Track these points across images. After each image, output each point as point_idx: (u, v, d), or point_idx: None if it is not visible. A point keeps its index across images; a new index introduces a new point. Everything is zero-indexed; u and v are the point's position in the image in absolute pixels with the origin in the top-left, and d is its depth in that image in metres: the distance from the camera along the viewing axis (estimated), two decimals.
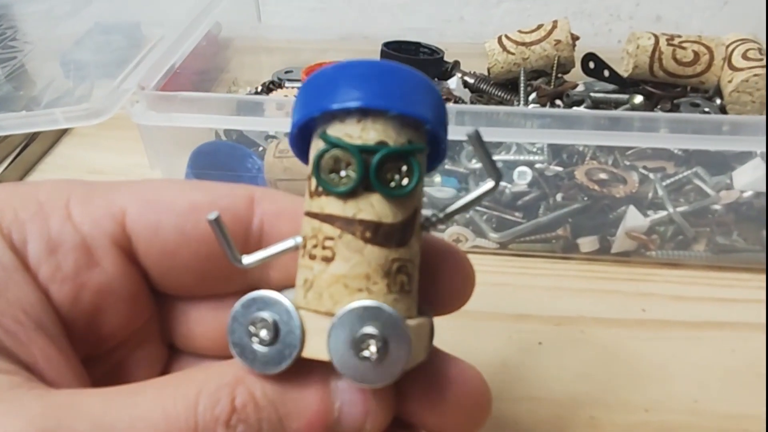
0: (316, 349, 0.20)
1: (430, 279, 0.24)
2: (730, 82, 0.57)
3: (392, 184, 0.20)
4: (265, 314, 0.20)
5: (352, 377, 0.20)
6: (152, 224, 0.25)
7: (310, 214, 0.21)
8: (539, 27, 0.63)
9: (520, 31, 0.63)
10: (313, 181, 0.21)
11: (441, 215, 0.23)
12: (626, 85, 0.62)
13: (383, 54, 0.63)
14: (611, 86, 0.62)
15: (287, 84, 0.64)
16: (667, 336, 0.43)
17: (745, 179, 0.50)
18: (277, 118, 0.49)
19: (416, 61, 0.63)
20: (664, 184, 0.50)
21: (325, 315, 0.20)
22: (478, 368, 0.24)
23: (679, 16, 0.73)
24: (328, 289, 0.20)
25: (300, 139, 0.22)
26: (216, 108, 0.46)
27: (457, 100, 0.60)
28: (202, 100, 0.46)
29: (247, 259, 0.23)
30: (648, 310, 0.44)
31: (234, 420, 0.20)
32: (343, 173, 0.20)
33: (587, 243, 0.48)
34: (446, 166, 0.52)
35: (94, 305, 0.24)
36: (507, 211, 0.50)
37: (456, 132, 0.36)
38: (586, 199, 0.49)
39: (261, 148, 0.56)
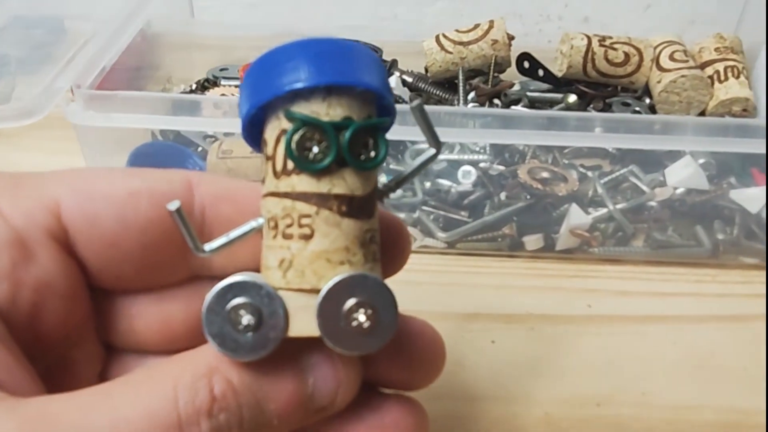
0: (302, 326, 0.21)
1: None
2: (659, 82, 0.60)
3: (362, 157, 0.21)
4: (244, 300, 0.20)
5: (344, 348, 0.21)
6: (90, 214, 0.24)
7: (278, 194, 0.21)
8: (476, 27, 0.63)
9: (457, 31, 0.64)
10: (280, 161, 0.21)
11: (392, 184, 0.24)
12: (560, 84, 0.63)
13: None
14: (545, 85, 0.64)
15: (223, 82, 0.63)
16: (613, 331, 0.44)
17: (677, 177, 0.52)
18: (218, 119, 0.47)
19: None
20: (602, 181, 0.52)
21: (310, 292, 0.21)
22: None
23: (605, 17, 0.75)
24: (311, 266, 0.21)
25: (251, 123, 0.22)
26: (156, 108, 0.44)
27: (398, 100, 0.60)
28: (144, 99, 0.44)
29: (209, 246, 0.22)
30: (593, 306, 0.46)
31: (216, 409, 0.20)
32: (315, 150, 0.20)
33: (532, 241, 0.49)
34: (390, 166, 0.52)
35: (33, 303, 0.23)
36: (453, 211, 0.50)
37: (399, 132, 0.36)
38: (529, 197, 0.50)
39: (200, 148, 0.54)
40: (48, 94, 0.44)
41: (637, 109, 0.61)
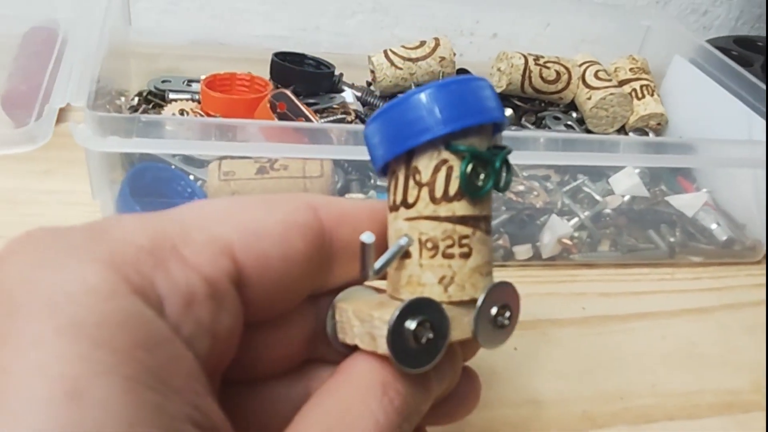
0: (459, 332, 0.23)
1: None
2: (589, 99, 0.66)
3: (501, 183, 0.24)
4: (424, 317, 0.22)
5: (490, 345, 0.24)
6: (261, 254, 0.23)
7: (438, 219, 0.23)
8: (422, 44, 0.66)
9: (404, 47, 0.65)
10: (440, 188, 0.23)
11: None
12: None
13: (275, 65, 0.61)
14: None
15: (171, 96, 0.59)
16: (609, 330, 0.49)
17: (623, 186, 0.58)
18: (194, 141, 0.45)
19: (311, 74, 0.62)
20: (563, 191, 0.57)
21: (468, 302, 0.23)
22: None
23: (511, 33, 0.81)
24: (470, 280, 0.23)
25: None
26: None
27: (359, 115, 0.61)
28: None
29: (376, 269, 0.24)
30: (587, 308, 0.50)
31: (399, 421, 0.22)
32: (481, 177, 0.23)
33: (523, 251, 0.52)
34: (378, 182, 0.53)
35: (221, 354, 0.22)
36: None
37: None
38: (504, 209, 0.54)
39: (172, 167, 0.52)
40: (49, 117, 0.40)
41: (569, 122, 0.67)
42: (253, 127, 0.44)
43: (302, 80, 0.61)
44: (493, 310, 0.24)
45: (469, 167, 0.23)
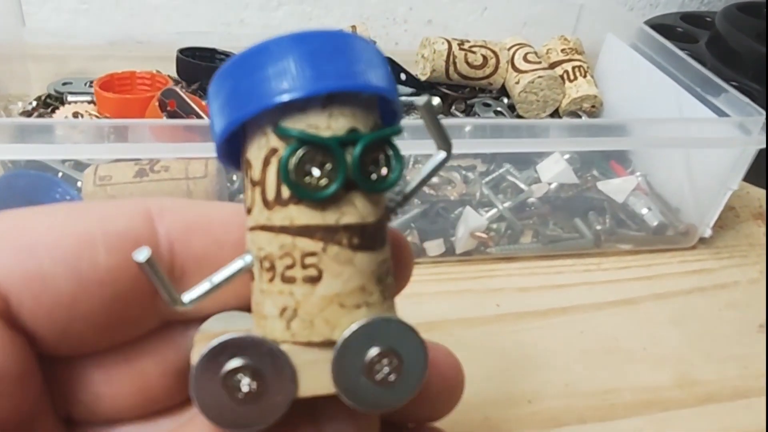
0: (315, 384, 0.17)
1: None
2: (517, 83, 0.63)
3: (373, 176, 0.17)
4: (242, 362, 0.17)
5: (365, 405, 0.18)
6: (34, 275, 0.19)
7: (273, 229, 0.17)
8: None
9: None
10: (271, 188, 0.17)
11: (399, 198, 0.20)
12: (423, 87, 0.64)
13: (180, 62, 0.58)
14: (409, 89, 0.65)
15: (70, 98, 0.56)
16: (524, 327, 0.46)
17: (550, 173, 0.54)
18: (91, 144, 0.42)
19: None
20: (483, 182, 0.54)
21: (321, 345, 0.17)
22: None
23: (446, 19, 0.78)
24: (321, 314, 0.17)
25: (227, 143, 0.18)
26: (8, 136, 0.39)
27: None
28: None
29: (189, 297, 0.18)
30: (501, 305, 0.47)
31: None
32: (317, 173, 0.17)
33: (434, 246, 0.49)
34: None
35: (11, 395, 0.19)
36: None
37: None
38: (422, 203, 0.51)
39: (60, 174, 0.48)
40: None
41: (499, 109, 0.64)
42: (143, 128, 0.41)
43: (210, 76, 0.58)
44: (367, 358, 0.17)
45: (294, 158, 0.16)
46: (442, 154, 0.20)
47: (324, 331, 0.17)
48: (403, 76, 0.64)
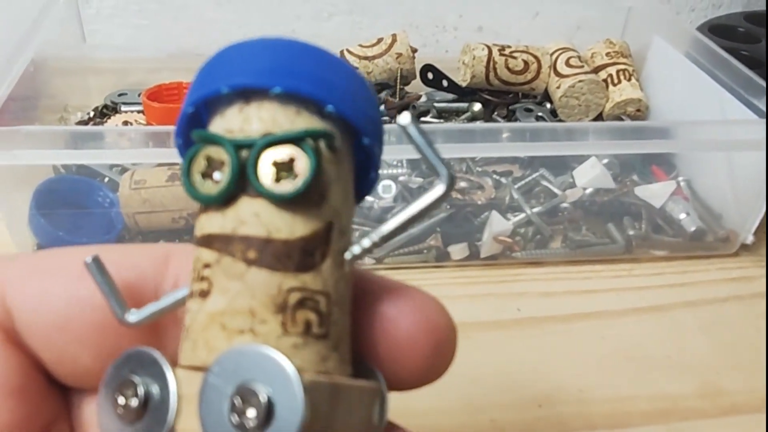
0: (189, 421, 0.15)
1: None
2: (558, 88, 0.62)
3: (284, 184, 0.15)
4: (136, 378, 0.16)
5: None
6: (36, 293, 0.20)
7: (192, 240, 0.17)
8: (379, 41, 0.64)
9: (361, 45, 0.64)
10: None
11: (377, 238, 0.17)
12: (464, 93, 0.65)
13: None
14: (450, 95, 0.65)
15: (123, 108, 0.60)
16: (544, 332, 0.45)
17: (585, 178, 0.54)
18: (127, 150, 0.45)
19: None
20: (515, 187, 0.53)
21: (200, 370, 0.15)
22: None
23: (498, 26, 0.77)
24: (203, 335, 0.15)
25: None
26: (63, 142, 0.42)
27: None
28: (49, 133, 0.41)
29: (134, 316, 0.18)
30: (522, 309, 0.47)
31: None
32: (217, 177, 0.16)
33: (458, 250, 0.50)
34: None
35: (29, 415, 0.20)
36: (377, 226, 0.50)
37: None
38: (449, 207, 0.51)
39: (107, 179, 0.52)
40: None
41: (540, 114, 0.63)
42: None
43: None
44: (232, 396, 0.14)
45: (197, 163, 0.16)
46: (440, 189, 0.17)
47: (202, 355, 0.15)
48: (444, 83, 0.65)
